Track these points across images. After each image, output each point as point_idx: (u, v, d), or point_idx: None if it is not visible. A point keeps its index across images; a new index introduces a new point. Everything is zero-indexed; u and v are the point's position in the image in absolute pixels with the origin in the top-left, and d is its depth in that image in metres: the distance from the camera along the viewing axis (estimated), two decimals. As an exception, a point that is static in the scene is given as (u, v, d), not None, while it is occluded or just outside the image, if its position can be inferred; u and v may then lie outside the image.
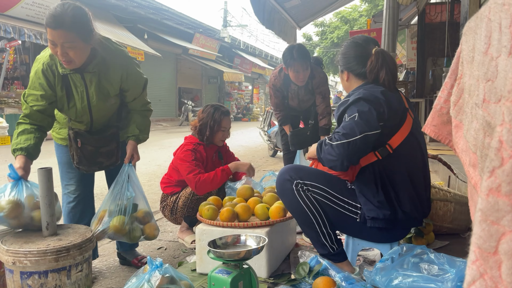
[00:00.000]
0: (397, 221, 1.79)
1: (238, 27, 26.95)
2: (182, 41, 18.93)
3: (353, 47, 1.93)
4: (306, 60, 3.33)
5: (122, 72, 2.13)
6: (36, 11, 11.28)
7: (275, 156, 7.79)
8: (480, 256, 0.63)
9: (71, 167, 2.24)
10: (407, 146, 1.80)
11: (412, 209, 1.80)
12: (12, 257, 1.68)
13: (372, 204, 1.77)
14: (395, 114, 1.77)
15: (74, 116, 2.15)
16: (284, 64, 3.41)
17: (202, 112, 2.88)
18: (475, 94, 0.91)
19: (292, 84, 3.54)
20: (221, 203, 2.44)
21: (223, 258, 1.60)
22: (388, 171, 1.78)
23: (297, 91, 3.60)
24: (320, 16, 9.51)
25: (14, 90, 11.65)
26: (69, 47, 1.87)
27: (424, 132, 1.22)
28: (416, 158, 1.86)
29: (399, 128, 1.79)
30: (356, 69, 1.91)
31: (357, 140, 1.66)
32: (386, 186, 1.78)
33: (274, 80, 3.63)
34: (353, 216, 1.83)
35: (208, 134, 2.80)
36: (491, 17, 0.79)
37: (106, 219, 2.10)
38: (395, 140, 1.78)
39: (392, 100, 1.78)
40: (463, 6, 3.99)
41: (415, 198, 1.81)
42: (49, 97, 2.03)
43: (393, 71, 1.84)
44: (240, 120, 24.00)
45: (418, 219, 1.88)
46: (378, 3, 18.80)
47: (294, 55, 3.29)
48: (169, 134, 13.19)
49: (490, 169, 0.63)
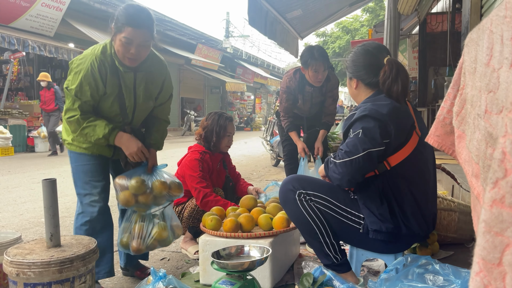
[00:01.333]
0: (400, 235, 1.77)
1: (240, 37, 27.15)
2: (184, 52, 19.05)
3: (363, 55, 1.88)
4: (326, 60, 3.38)
5: (163, 77, 2.24)
6: (40, 23, 11.40)
7: (277, 165, 7.78)
8: (484, 267, 0.63)
9: (97, 175, 2.17)
10: (409, 165, 1.77)
11: (415, 225, 1.77)
12: (16, 269, 1.68)
13: (376, 216, 1.76)
14: (402, 132, 1.75)
15: (116, 113, 2.14)
16: (303, 64, 3.41)
17: (206, 120, 2.91)
18: (477, 105, 0.91)
19: (307, 86, 3.53)
20: (225, 213, 2.44)
21: (227, 269, 1.60)
22: (392, 186, 1.77)
23: (312, 93, 3.59)
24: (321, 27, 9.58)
25: (18, 101, 11.73)
26: (144, 46, 2.00)
27: (427, 142, 1.22)
28: (422, 174, 1.82)
29: (402, 147, 1.76)
30: (366, 78, 1.87)
31: (360, 158, 1.67)
32: (390, 200, 1.76)
33: (289, 81, 3.59)
34: (356, 227, 1.82)
35: (215, 140, 2.82)
36: (493, 29, 0.80)
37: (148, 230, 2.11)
38: (395, 158, 1.76)
39: (401, 117, 1.76)
40: (464, 16, 4.01)
41: (418, 214, 1.78)
42: (100, 92, 2.05)
43: (405, 84, 1.78)
44: (243, 129, 24.04)
45: (421, 235, 1.86)
46: (379, 13, 18.92)
47: (315, 54, 3.33)
48: (172, 144, 13.20)
49: (493, 180, 0.63)
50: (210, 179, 2.80)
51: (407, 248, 1.96)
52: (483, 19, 1.07)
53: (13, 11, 10.57)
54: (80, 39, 13.21)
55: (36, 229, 3.52)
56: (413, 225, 1.77)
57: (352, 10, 8.48)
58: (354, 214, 1.83)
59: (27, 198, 4.77)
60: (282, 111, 3.72)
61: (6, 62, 12.26)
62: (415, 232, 1.78)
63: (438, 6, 7.70)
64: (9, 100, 11.61)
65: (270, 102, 31.45)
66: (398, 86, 1.75)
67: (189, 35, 19.32)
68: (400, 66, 1.81)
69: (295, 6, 6.02)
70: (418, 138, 1.80)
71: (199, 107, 23.35)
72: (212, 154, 2.87)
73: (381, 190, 1.76)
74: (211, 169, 2.84)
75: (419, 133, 1.82)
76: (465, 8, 3.97)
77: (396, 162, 1.76)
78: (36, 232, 3.44)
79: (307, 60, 3.35)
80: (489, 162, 0.83)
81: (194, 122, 18.26)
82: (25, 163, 7.80)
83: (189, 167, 2.73)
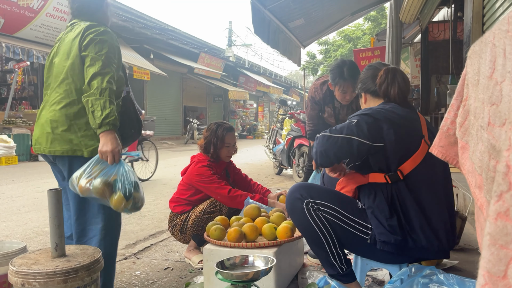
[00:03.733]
0: (407, 248, 1.75)
1: (242, 46, 27.26)
2: (187, 61, 19.17)
3: (366, 70, 2.06)
4: (356, 80, 3.03)
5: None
6: (44, 33, 11.51)
7: (280, 174, 7.78)
8: (490, 280, 0.64)
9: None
10: (419, 175, 1.77)
11: (423, 239, 1.74)
12: (21, 279, 1.69)
13: (384, 228, 1.74)
14: (404, 139, 1.76)
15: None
16: (331, 81, 3.13)
17: (206, 130, 2.94)
18: (480, 116, 0.92)
19: (336, 101, 3.32)
20: (228, 222, 2.44)
21: (231, 279, 1.60)
22: (400, 197, 1.76)
23: (339, 110, 3.38)
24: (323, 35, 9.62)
25: (22, 110, 11.81)
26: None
27: (432, 152, 1.22)
28: (431, 186, 1.80)
29: (412, 155, 1.77)
30: (371, 87, 1.99)
31: (339, 138, 1.72)
32: (398, 211, 1.75)
33: (314, 92, 3.44)
34: (363, 237, 1.81)
35: (212, 151, 2.84)
36: (496, 43, 0.81)
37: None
38: (407, 166, 1.76)
39: (405, 123, 1.79)
40: (466, 24, 4.03)
41: (426, 227, 1.74)
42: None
43: (402, 86, 1.88)
44: (245, 137, 24.07)
45: (431, 251, 1.79)
46: (381, 21, 18.98)
47: (344, 74, 3.01)
48: (175, 153, 13.23)
49: (498, 193, 0.64)
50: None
51: (416, 261, 1.90)
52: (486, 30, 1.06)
53: (18, 21, 10.68)
54: (84, 48, 13.31)
55: (40, 239, 3.52)
56: (421, 238, 1.74)
57: (354, 19, 8.52)
58: (361, 224, 1.81)
59: (31, 208, 4.78)
60: (307, 116, 3.64)
61: (11, 72, 12.38)
62: (423, 245, 1.74)
63: (440, 14, 7.73)
64: (13, 109, 11.69)
65: (272, 110, 31.51)
66: (395, 88, 1.87)
67: (192, 44, 19.45)
68: (397, 70, 1.92)
69: (298, 15, 6.06)
70: (427, 147, 1.79)
71: (201, 115, 23.42)
72: (216, 163, 2.89)
73: (390, 201, 1.76)
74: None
75: (429, 142, 1.81)
76: (467, 16, 3.99)
77: (408, 170, 1.76)
78: (40, 241, 3.45)
79: (335, 78, 3.07)
80: (492, 174, 0.84)
81: (197, 130, 18.31)
82: (29, 172, 7.82)
83: (200, 173, 2.76)
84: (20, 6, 10.51)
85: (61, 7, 11.44)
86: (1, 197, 5.47)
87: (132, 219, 4.20)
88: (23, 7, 10.60)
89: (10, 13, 10.36)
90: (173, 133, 19.95)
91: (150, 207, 4.82)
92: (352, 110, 3.30)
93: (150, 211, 4.64)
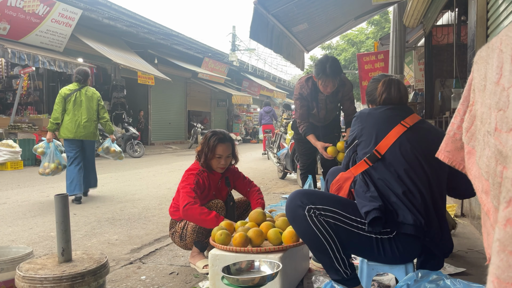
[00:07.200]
0: (397, 223, 1.77)
1: (246, 51, 27.32)
2: (191, 65, 19.24)
3: (372, 83, 2.26)
4: (337, 76, 3.38)
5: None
6: (50, 38, 11.60)
7: (284, 178, 7.77)
8: (499, 286, 0.64)
9: None
10: (397, 152, 1.88)
11: (409, 215, 1.77)
12: (28, 284, 1.70)
13: (364, 201, 1.81)
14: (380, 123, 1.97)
15: None
16: (315, 74, 3.42)
17: (203, 137, 2.91)
18: (487, 122, 0.92)
19: (320, 93, 3.57)
20: (234, 227, 2.44)
21: (237, 285, 1.60)
22: (379, 172, 1.88)
23: (326, 100, 3.63)
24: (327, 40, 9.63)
25: (27, 115, 11.88)
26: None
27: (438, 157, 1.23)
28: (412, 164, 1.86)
29: (385, 135, 1.92)
30: (376, 98, 2.16)
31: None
32: (376, 185, 1.86)
33: (301, 88, 3.61)
34: (367, 235, 1.81)
35: (202, 161, 2.78)
36: (503, 49, 0.82)
37: None
38: (382, 145, 1.91)
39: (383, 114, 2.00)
40: (470, 28, 4.03)
41: (410, 205, 1.79)
42: None
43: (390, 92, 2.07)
44: (249, 142, 24.07)
45: (408, 225, 1.77)
46: (384, 25, 18.96)
47: (327, 70, 3.31)
48: (179, 157, 13.25)
49: (507, 200, 0.64)
50: (207, 197, 2.78)
51: (417, 253, 1.89)
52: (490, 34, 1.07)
53: (24, 27, 10.77)
54: (89, 54, 13.41)
55: (45, 243, 3.54)
56: (407, 213, 1.77)
57: (357, 23, 8.54)
58: (364, 223, 1.82)
59: (37, 212, 4.80)
60: (298, 118, 3.70)
61: (16, 77, 12.46)
62: (412, 223, 1.75)
63: (443, 18, 7.73)
64: (18, 114, 11.76)
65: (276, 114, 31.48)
66: (389, 95, 2.07)
67: (196, 49, 19.52)
68: (393, 80, 2.10)
69: (301, 20, 6.07)
70: (405, 129, 1.92)
71: (205, 120, 23.48)
72: (209, 172, 2.82)
73: (369, 177, 1.89)
74: (207, 188, 2.79)
75: (407, 125, 1.93)
76: (471, 20, 3.99)
77: (385, 149, 1.89)
78: (45, 246, 3.46)
79: (319, 73, 3.36)
80: (499, 180, 0.84)
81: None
82: (34, 177, 7.85)
83: (184, 179, 2.74)
84: (25, 12, 10.60)
85: (66, 13, 11.54)
86: (7, 202, 5.49)
87: (137, 224, 4.20)
88: (29, 13, 10.70)
89: (16, 19, 10.46)
90: (177, 137, 20.01)
91: (155, 212, 4.83)
92: (338, 99, 3.69)
93: (155, 215, 4.64)
